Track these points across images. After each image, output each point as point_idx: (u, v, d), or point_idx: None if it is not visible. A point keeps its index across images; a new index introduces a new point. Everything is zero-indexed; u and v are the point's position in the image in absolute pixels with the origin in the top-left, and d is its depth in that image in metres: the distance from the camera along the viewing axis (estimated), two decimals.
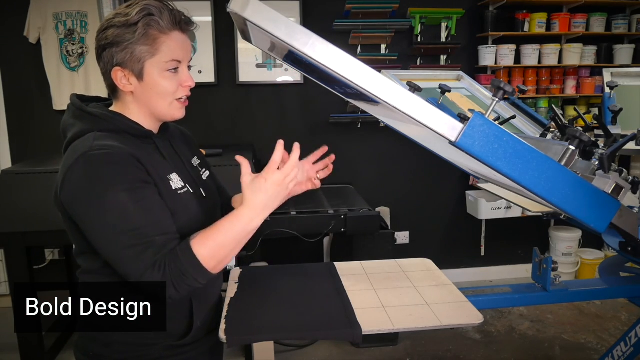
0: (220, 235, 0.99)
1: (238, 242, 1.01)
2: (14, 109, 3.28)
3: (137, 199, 0.97)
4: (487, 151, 0.98)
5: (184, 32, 1.07)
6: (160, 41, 1.03)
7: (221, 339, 1.09)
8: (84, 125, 1.05)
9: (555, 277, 1.75)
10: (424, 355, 2.76)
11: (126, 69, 1.04)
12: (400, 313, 1.20)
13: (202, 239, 0.99)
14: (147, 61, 1.03)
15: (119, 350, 1.09)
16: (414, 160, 3.58)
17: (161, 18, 1.02)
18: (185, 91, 1.09)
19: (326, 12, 3.33)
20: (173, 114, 1.10)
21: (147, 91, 1.06)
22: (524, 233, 3.81)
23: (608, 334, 2.93)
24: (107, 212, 0.95)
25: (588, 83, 3.55)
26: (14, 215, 2.24)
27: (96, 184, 0.96)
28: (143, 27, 1.01)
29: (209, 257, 0.98)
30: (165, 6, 1.04)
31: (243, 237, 1.02)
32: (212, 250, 0.98)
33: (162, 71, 1.04)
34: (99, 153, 0.97)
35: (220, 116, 3.46)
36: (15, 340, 2.38)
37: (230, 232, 1.00)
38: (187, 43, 1.08)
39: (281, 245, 3.04)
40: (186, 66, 1.08)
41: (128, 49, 1.02)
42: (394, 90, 0.93)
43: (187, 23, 1.07)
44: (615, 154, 1.32)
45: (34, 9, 3.13)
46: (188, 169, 1.18)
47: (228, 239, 1.00)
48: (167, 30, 1.03)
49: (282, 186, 1.02)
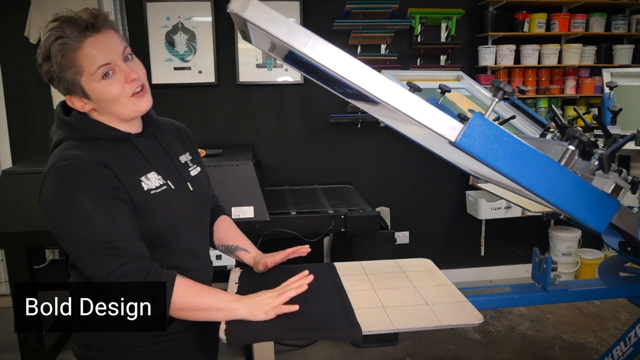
0: (204, 300, 1.08)
1: (210, 318, 1.10)
2: (14, 109, 3.28)
3: (102, 207, 1.00)
4: (487, 151, 0.98)
5: (98, 32, 1.02)
6: (78, 57, 1.01)
7: (221, 339, 1.09)
8: (62, 133, 1.10)
9: (555, 277, 1.75)
10: (424, 355, 2.76)
11: (74, 95, 1.06)
12: (400, 313, 1.20)
13: (189, 288, 1.07)
14: (81, 81, 1.03)
15: (103, 339, 1.12)
16: (414, 160, 3.58)
17: (67, 36, 0.99)
18: (134, 85, 1.06)
19: (326, 12, 3.33)
20: (136, 109, 1.09)
21: (100, 104, 1.07)
22: (524, 233, 3.81)
23: (608, 333, 2.93)
24: (72, 220, 0.99)
25: (588, 83, 3.55)
26: (14, 215, 2.24)
27: (62, 194, 1.00)
28: (57, 53, 1.00)
29: (182, 307, 1.05)
30: (66, 20, 1.00)
31: (218, 317, 1.10)
32: (190, 304, 1.06)
33: (99, 81, 1.03)
34: (65, 163, 1.01)
35: (220, 116, 3.46)
36: (15, 340, 2.38)
37: (212, 307, 1.09)
38: (108, 39, 1.03)
39: (281, 245, 3.01)
40: (121, 60, 1.05)
41: (61, 79, 1.03)
42: (393, 91, 0.94)
43: (95, 18, 1.01)
44: (615, 154, 1.32)
45: (35, 9, 3.13)
46: (175, 164, 1.19)
47: (206, 309, 1.08)
48: (79, 43, 1.00)
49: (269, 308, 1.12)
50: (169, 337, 1.15)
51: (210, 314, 1.09)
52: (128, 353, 1.12)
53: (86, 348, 1.14)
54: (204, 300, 1.07)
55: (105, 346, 1.12)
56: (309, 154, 3.51)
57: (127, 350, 1.12)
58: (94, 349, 1.13)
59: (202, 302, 1.07)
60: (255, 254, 1.45)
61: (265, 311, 1.11)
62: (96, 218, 0.99)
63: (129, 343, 1.12)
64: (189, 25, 3.29)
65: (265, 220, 2.45)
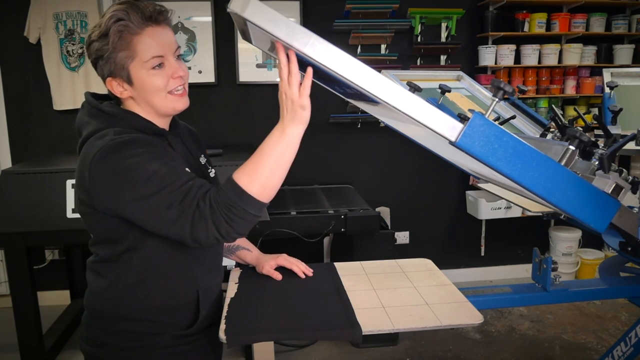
0: (256, 155, 0.99)
1: (278, 161, 0.98)
2: (14, 109, 3.28)
3: (164, 162, 0.99)
4: (487, 151, 0.98)
5: (159, 25, 1.05)
6: (135, 42, 1.03)
7: (221, 339, 1.09)
8: (100, 123, 1.07)
9: (555, 277, 1.75)
10: (424, 355, 2.76)
11: (117, 78, 1.06)
12: (400, 313, 1.20)
13: (241, 167, 0.99)
14: (130, 65, 1.04)
15: (126, 338, 1.11)
16: (414, 160, 3.58)
17: (130, 19, 1.02)
18: (178, 82, 1.09)
19: (326, 12, 3.33)
20: (173, 106, 1.11)
21: (141, 93, 1.08)
22: (524, 233, 3.81)
23: (608, 334, 2.93)
24: (139, 181, 0.97)
25: (588, 83, 3.55)
26: (14, 215, 2.24)
27: (123, 162, 0.98)
28: (115, 34, 1.01)
29: (250, 181, 0.97)
30: (132, 5, 1.03)
31: (279, 153, 0.98)
32: (251, 172, 0.98)
33: (148, 70, 1.05)
34: (121, 139, 1.00)
35: (220, 116, 3.46)
36: (15, 340, 2.38)
37: (264, 150, 0.98)
38: (166, 34, 1.07)
39: (281, 245, 3.03)
40: (172, 57, 1.08)
41: (110, 59, 1.04)
42: (394, 90, 0.94)
43: (160, 13, 1.05)
44: (615, 154, 1.32)
45: (34, 9, 3.13)
46: (199, 165, 1.21)
47: (264, 158, 0.98)
48: (139, 29, 1.03)
49: (301, 99, 0.97)
50: (189, 339, 1.15)
51: (277, 159, 0.98)
52: (149, 354, 1.11)
53: (101, 347, 1.12)
54: (264, 162, 0.98)
55: (127, 346, 1.11)
56: (309, 154, 3.50)
57: (149, 351, 1.11)
58: (111, 348, 1.11)
59: (264, 163, 0.98)
60: (258, 253, 1.46)
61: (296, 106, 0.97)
62: (164, 172, 0.98)
63: (151, 344, 1.11)
64: (189, 25, 3.29)
65: (265, 221, 2.45)
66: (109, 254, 1.10)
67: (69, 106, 3.24)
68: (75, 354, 2.75)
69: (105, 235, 1.09)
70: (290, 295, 1.31)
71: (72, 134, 1.18)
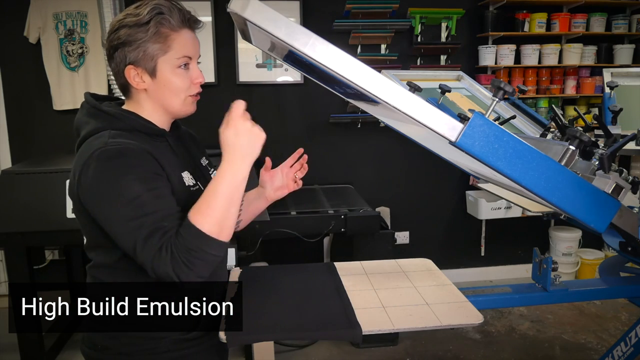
0: (211, 198, 0.99)
1: (231, 200, 0.99)
2: (14, 109, 3.28)
3: (150, 188, 0.99)
4: (487, 151, 0.97)
5: (192, 30, 1.11)
6: (172, 38, 1.06)
7: (221, 339, 1.09)
8: (98, 123, 1.07)
9: (555, 277, 1.75)
10: (424, 355, 2.76)
11: (139, 67, 1.07)
12: (400, 313, 1.20)
13: (196, 209, 0.99)
14: (160, 58, 1.06)
15: (127, 343, 1.10)
16: (414, 160, 3.58)
17: (171, 16, 1.06)
18: (197, 87, 1.13)
19: (326, 12, 3.33)
20: (187, 109, 1.14)
21: (160, 88, 1.09)
22: (524, 233, 3.81)
23: (608, 334, 2.93)
24: (120, 200, 0.97)
25: (588, 83, 3.55)
26: (14, 215, 2.24)
27: (111, 175, 0.98)
28: (155, 25, 1.04)
29: (209, 223, 0.97)
30: (174, 5, 1.07)
31: (234, 193, 1.00)
32: (209, 215, 0.97)
33: (174, 68, 1.08)
34: (114, 148, 1.00)
35: (220, 116, 3.39)
36: (15, 340, 2.38)
37: (219, 192, 0.99)
38: (196, 40, 1.12)
39: (281, 245, 3.04)
40: (196, 63, 1.12)
41: (141, 48, 1.05)
42: (394, 90, 0.93)
43: (195, 21, 1.11)
44: (615, 154, 1.32)
45: (34, 9, 3.12)
46: (199, 167, 1.22)
47: (220, 200, 0.98)
48: (178, 27, 1.07)
49: (253, 132, 1.06)
50: (191, 343, 1.14)
51: (232, 199, 1.00)
52: (150, 358, 1.11)
53: (103, 350, 1.11)
54: (216, 202, 0.98)
55: (128, 350, 1.10)
56: (309, 154, 3.48)
57: (150, 355, 1.10)
58: (113, 353, 1.11)
59: (217, 204, 0.98)
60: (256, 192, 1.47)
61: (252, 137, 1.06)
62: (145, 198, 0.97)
63: (154, 348, 1.10)
64: None
65: (265, 221, 2.45)
66: (106, 260, 1.09)
67: (68, 106, 3.24)
68: (75, 354, 2.75)
69: (98, 241, 1.08)
70: (290, 295, 1.31)
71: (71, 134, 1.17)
